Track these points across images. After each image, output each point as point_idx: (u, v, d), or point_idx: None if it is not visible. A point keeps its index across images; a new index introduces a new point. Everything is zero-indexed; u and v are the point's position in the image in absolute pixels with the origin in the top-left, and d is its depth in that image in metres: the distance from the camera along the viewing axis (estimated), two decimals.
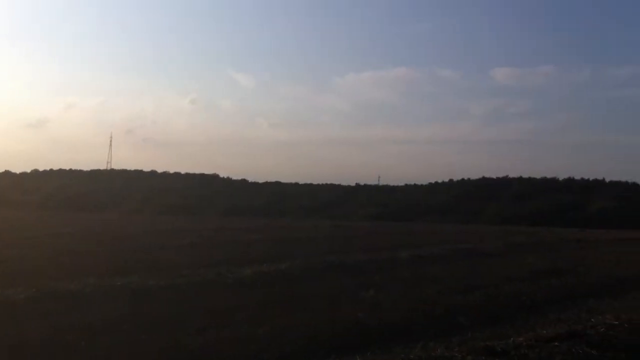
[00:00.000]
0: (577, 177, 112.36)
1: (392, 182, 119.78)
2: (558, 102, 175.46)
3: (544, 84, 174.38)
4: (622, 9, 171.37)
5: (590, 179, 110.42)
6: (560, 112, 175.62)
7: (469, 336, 9.95)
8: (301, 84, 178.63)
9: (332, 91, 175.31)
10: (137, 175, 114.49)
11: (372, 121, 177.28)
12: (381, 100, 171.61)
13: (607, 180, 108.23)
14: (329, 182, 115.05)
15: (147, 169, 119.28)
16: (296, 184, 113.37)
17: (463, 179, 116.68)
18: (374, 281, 15.17)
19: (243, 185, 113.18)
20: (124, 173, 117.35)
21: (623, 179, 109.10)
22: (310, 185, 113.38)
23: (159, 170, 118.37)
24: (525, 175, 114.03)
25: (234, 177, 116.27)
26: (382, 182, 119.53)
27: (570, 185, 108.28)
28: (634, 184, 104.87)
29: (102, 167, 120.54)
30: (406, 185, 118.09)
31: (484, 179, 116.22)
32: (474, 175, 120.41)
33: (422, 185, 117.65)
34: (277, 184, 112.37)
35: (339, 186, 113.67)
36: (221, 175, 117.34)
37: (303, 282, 15.13)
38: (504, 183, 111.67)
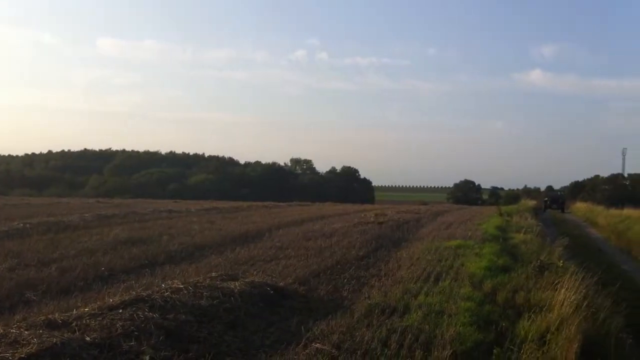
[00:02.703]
0: (179, 151, 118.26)
1: None
2: (163, 77, 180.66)
3: (150, 58, 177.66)
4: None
5: (191, 153, 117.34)
6: (165, 87, 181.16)
7: (35, 311, 9.62)
8: None
9: None
10: None
11: None
12: None
13: (207, 154, 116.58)
14: None
15: None
16: None
17: (63, 151, 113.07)
18: None
19: None
20: None
21: (221, 154, 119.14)
22: None
23: None
24: (128, 148, 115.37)
25: None
26: None
27: (173, 158, 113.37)
28: (230, 159, 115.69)
29: None
30: None
31: (85, 150, 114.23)
32: (75, 146, 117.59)
33: (17, 156, 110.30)
34: None
35: None
36: None
37: None
38: (107, 155, 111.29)
